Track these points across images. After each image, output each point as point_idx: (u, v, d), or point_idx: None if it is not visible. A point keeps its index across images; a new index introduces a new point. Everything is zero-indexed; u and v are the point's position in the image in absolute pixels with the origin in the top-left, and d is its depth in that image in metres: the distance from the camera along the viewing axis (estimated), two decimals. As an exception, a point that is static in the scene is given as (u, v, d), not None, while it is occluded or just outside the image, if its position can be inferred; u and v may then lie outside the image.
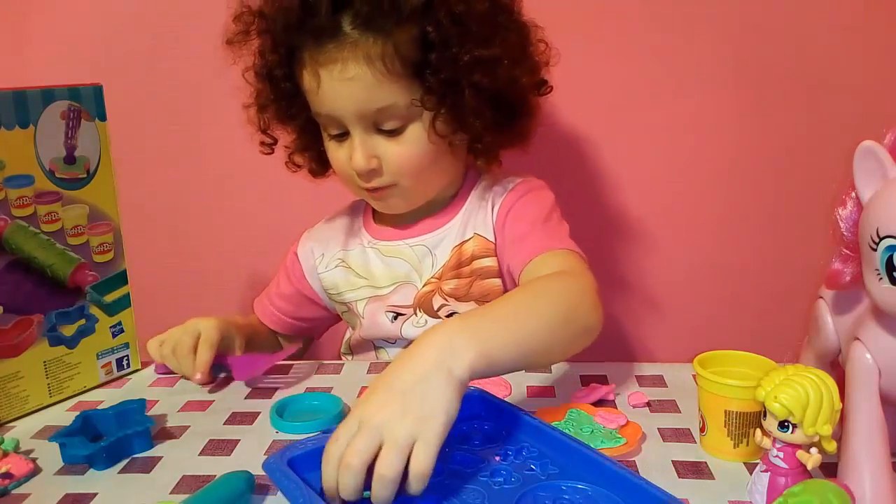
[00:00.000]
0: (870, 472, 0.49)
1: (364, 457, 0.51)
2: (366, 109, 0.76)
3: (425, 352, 0.56)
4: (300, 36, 0.76)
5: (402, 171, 0.80)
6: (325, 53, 0.75)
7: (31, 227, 0.71)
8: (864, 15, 1.05)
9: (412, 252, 0.87)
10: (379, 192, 0.82)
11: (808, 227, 1.07)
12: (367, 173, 0.79)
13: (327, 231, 0.95)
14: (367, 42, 0.74)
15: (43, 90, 0.70)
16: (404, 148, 0.79)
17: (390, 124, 0.78)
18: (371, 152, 0.79)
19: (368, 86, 0.75)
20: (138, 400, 0.67)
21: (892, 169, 0.48)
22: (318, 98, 0.77)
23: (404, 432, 0.51)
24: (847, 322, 0.56)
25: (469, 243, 0.85)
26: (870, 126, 0.52)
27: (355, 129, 0.78)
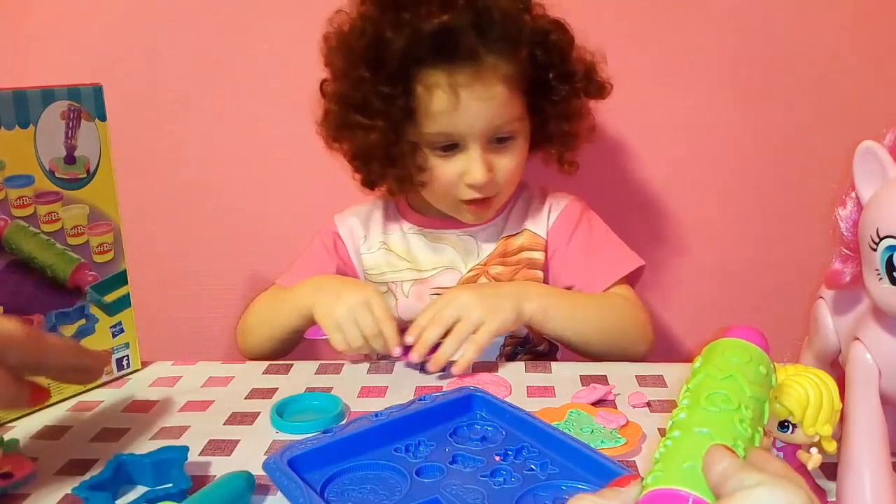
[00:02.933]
0: (870, 472, 0.49)
1: (448, 321, 0.77)
2: (497, 123, 0.83)
3: (507, 285, 0.87)
4: (434, 56, 0.80)
5: (509, 182, 0.88)
6: (464, 74, 0.80)
7: (31, 228, 0.71)
8: (863, 15, 1.05)
9: (459, 241, 0.94)
10: (485, 203, 0.88)
11: (808, 227, 1.07)
12: (485, 185, 0.85)
13: (363, 215, 0.99)
14: (500, 63, 0.81)
15: (43, 90, 0.70)
16: (513, 160, 0.86)
17: (507, 134, 0.85)
18: (490, 166, 0.85)
19: (503, 103, 0.82)
20: (180, 448, 0.59)
21: (892, 169, 0.48)
22: (450, 117, 0.81)
23: (476, 315, 0.77)
24: (847, 322, 0.56)
25: (518, 237, 0.93)
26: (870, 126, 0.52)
27: (475, 144, 0.83)
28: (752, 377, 0.42)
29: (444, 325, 0.77)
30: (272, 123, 1.13)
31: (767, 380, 0.43)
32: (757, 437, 0.40)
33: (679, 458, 0.37)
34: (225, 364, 0.82)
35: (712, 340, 0.45)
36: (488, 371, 0.78)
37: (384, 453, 0.58)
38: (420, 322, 0.78)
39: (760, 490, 0.32)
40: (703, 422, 0.39)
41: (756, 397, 0.41)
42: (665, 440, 0.39)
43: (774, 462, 0.37)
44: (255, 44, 1.10)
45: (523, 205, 0.96)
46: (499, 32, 0.80)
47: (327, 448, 0.57)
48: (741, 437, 0.38)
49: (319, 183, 1.14)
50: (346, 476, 0.56)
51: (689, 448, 0.38)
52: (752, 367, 0.42)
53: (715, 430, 0.38)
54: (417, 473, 0.55)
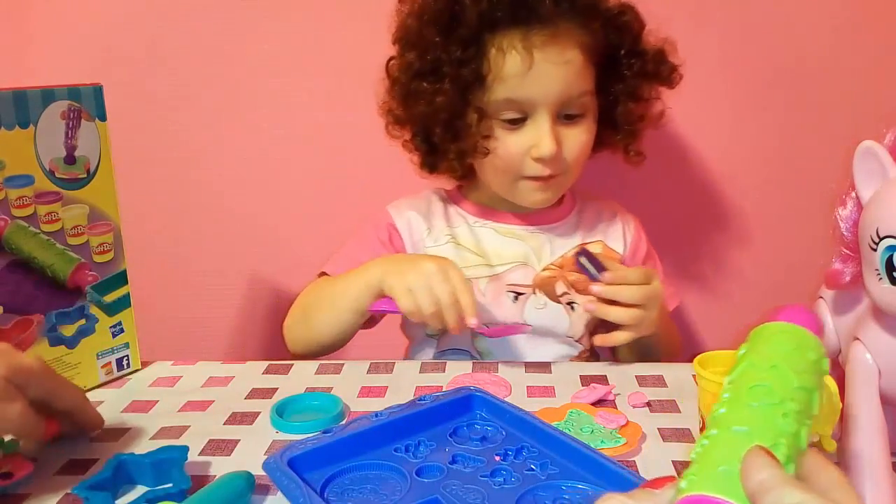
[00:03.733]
0: (870, 472, 0.49)
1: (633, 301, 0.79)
2: (569, 93, 0.81)
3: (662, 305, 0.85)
4: (509, 20, 0.79)
5: (576, 161, 0.85)
6: (541, 37, 0.79)
7: (31, 228, 0.71)
8: (863, 15, 1.05)
9: (532, 237, 0.91)
10: (548, 181, 0.85)
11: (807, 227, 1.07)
12: (552, 161, 0.82)
13: (422, 207, 0.94)
14: (577, 29, 0.80)
15: (43, 90, 0.70)
16: (581, 137, 0.84)
17: (576, 110, 0.82)
18: (558, 139, 0.82)
19: (578, 70, 0.81)
20: (180, 448, 0.59)
21: (892, 169, 0.49)
22: (523, 80, 0.80)
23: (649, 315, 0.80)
24: (847, 322, 0.57)
25: (593, 246, 0.90)
26: (870, 126, 0.52)
27: (544, 115, 0.81)
28: (800, 365, 0.38)
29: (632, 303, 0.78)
30: (272, 123, 1.13)
31: (818, 366, 0.39)
32: (804, 430, 0.37)
33: (715, 461, 0.35)
34: (225, 364, 0.82)
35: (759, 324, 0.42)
36: (488, 371, 0.78)
37: (384, 453, 0.58)
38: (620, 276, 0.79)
39: None
40: (742, 419, 0.36)
41: (804, 387, 0.38)
42: (702, 438, 0.37)
43: (829, 471, 0.35)
44: (255, 44, 1.10)
45: (594, 212, 0.95)
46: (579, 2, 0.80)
47: (327, 448, 0.57)
48: (784, 433, 0.36)
49: (320, 183, 1.14)
50: (346, 476, 0.56)
51: (727, 449, 0.35)
52: (800, 353, 0.39)
53: (755, 427, 0.36)
54: (417, 473, 0.55)
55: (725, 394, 0.39)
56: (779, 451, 0.35)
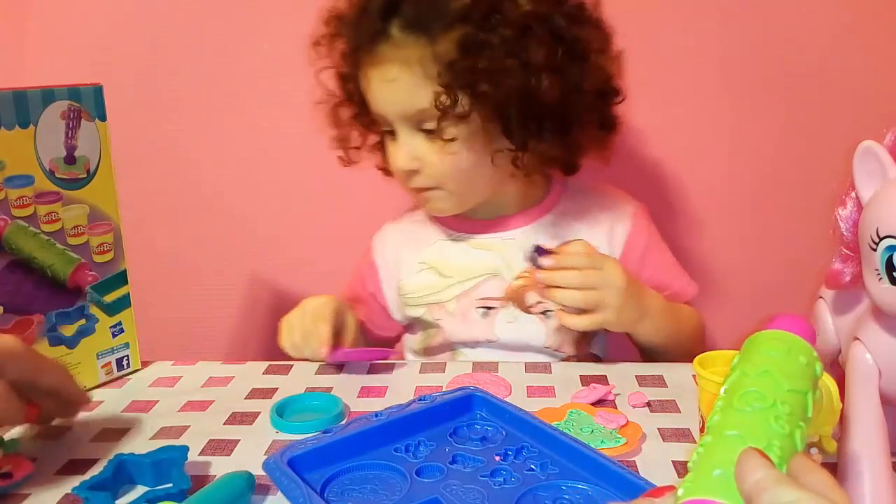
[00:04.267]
0: (870, 472, 0.49)
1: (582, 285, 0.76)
2: (403, 110, 0.79)
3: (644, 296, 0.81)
4: (359, 38, 0.80)
5: (444, 175, 0.82)
6: (375, 55, 0.79)
7: (31, 228, 0.71)
8: (864, 15, 1.05)
9: (501, 244, 0.88)
10: (421, 194, 0.85)
11: (808, 227, 1.07)
12: (407, 174, 0.82)
13: (399, 234, 0.95)
14: (410, 45, 0.77)
15: (43, 90, 0.70)
16: (443, 158, 0.80)
17: (430, 125, 0.79)
18: (413, 153, 0.81)
19: (405, 87, 0.78)
20: (180, 448, 0.59)
21: (892, 169, 0.48)
22: (370, 98, 0.82)
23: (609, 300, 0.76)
24: (847, 322, 0.56)
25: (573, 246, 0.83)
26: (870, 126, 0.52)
27: (401, 128, 0.81)
28: (791, 370, 0.39)
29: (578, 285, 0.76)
30: (272, 123, 1.13)
31: (809, 370, 0.40)
32: (798, 432, 0.38)
33: (710, 466, 0.36)
34: (225, 364, 0.82)
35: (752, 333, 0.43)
36: (488, 371, 0.78)
37: (384, 453, 0.58)
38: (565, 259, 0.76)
39: None
40: (734, 424, 0.37)
41: (795, 390, 0.39)
42: (698, 446, 0.38)
43: (816, 473, 0.35)
44: (255, 44, 1.10)
45: (572, 206, 0.90)
46: (411, 12, 0.77)
47: (327, 448, 0.57)
48: (777, 435, 0.37)
49: (320, 183, 1.14)
50: (346, 476, 0.56)
51: (721, 454, 0.36)
52: (791, 358, 0.40)
53: (747, 431, 0.37)
54: (417, 473, 0.55)
55: (719, 402, 0.40)
56: (772, 453, 0.35)
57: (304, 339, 0.80)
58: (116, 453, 0.59)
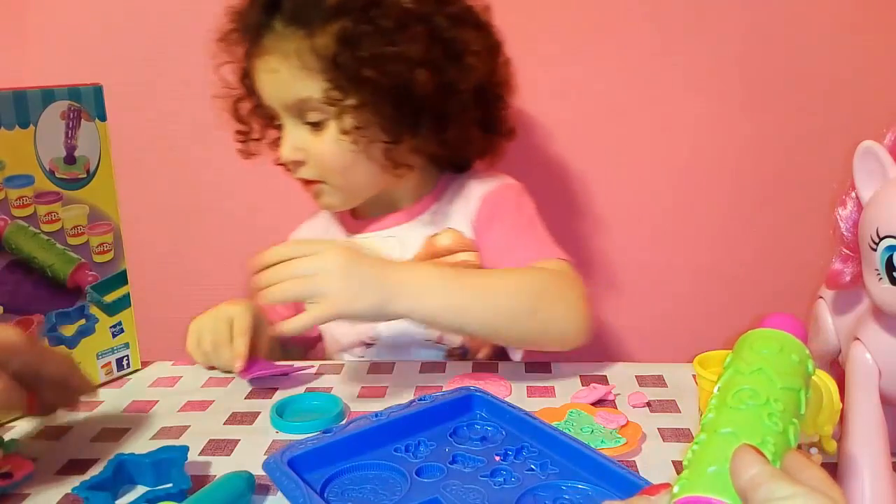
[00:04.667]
0: (870, 472, 0.49)
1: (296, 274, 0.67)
2: (285, 101, 0.81)
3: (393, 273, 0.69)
4: (246, 31, 0.82)
5: (326, 167, 0.83)
6: (260, 47, 0.80)
7: (31, 228, 0.71)
8: (864, 15, 1.05)
9: (384, 244, 0.87)
10: (308, 186, 0.86)
11: (808, 227, 1.07)
12: (293, 164, 0.83)
13: (310, 233, 0.96)
14: (289, 37, 0.78)
15: (43, 90, 0.70)
16: (325, 147, 0.81)
17: (312, 117, 0.81)
18: (297, 144, 0.82)
19: (284, 78, 0.79)
20: (180, 448, 0.59)
21: (892, 169, 0.48)
22: (258, 90, 0.83)
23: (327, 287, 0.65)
24: (847, 322, 0.56)
25: (442, 237, 0.86)
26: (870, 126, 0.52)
27: (286, 119, 0.82)
28: (783, 367, 0.40)
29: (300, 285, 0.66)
30: (272, 123, 1.13)
31: (801, 368, 0.41)
32: (791, 429, 0.38)
33: (705, 463, 0.36)
34: (225, 364, 0.82)
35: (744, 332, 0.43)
36: (488, 371, 0.78)
37: (384, 453, 0.58)
38: (271, 257, 0.68)
39: None
40: (728, 421, 0.38)
41: (788, 388, 0.39)
42: (692, 445, 0.38)
43: (811, 469, 0.35)
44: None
45: (448, 198, 0.89)
46: (290, 4, 0.78)
47: (327, 448, 0.57)
48: (770, 432, 0.37)
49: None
50: (346, 476, 0.56)
51: (716, 451, 0.36)
52: (783, 356, 0.40)
53: (740, 428, 0.37)
54: (417, 473, 0.55)
55: (713, 400, 0.40)
56: (766, 450, 0.36)
57: (215, 349, 0.79)
58: (116, 453, 0.59)
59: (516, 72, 0.90)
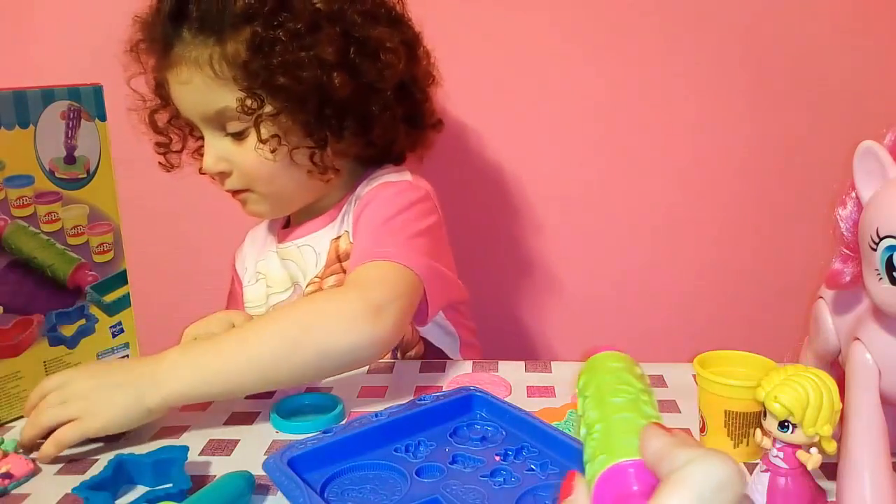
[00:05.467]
0: (870, 472, 0.49)
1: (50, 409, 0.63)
2: (203, 112, 0.79)
3: (146, 366, 0.65)
4: (154, 41, 0.81)
5: (251, 177, 0.82)
6: (169, 58, 0.79)
7: (31, 228, 0.71)
8: (864, 15, 1.05)
9: (299, 252, 0.88)
10: (235, 196, 0.85)
11: (808, 227, 1.07)
12: (218, 176, 0.83)
13: (249, 243, 0.97)
14: (199, 46, 0.77)
15: (43, 90, 0.70)
16: (247, 156, 0.80)
17: (232, 127, 0.79)
18: (220, 155, 0.81)
19: (198, 89, 0.78)
20: (180, 448, 0.59)
21: (892, 169, 0.48)
22: (174, 101, 0.82)
23: (75, 409, 0.62)
24: (847, 322, 0.56)
25: (342, 240, 0.86)
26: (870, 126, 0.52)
27: (205, 131, 0.81)
28: (634, 373, 0.46)
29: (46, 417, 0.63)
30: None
31: (644, 378, 0.47)
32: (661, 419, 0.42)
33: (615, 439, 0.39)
34: (225, 364, 0.82)
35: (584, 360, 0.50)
36: (488, 371, 0.78)
37: (384, 453, 0.58)
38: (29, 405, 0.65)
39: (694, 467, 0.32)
40: (618, 410, 0.42)
41: (645, 389, 0.45)
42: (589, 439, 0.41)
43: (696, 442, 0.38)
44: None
45: (354, 199, 0.87)
46: (196, 13, 0.77)
47: (327, 448, 0.57)
48: (652, 417, 0.41)
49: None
50: (346, 476, 0.56)
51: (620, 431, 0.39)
52: (628, 366, 0.47)
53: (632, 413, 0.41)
54: (417, 473, 0.55)
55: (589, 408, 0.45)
56: None
57: None
58: (116, 453, 0.59)
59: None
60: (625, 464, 0.36)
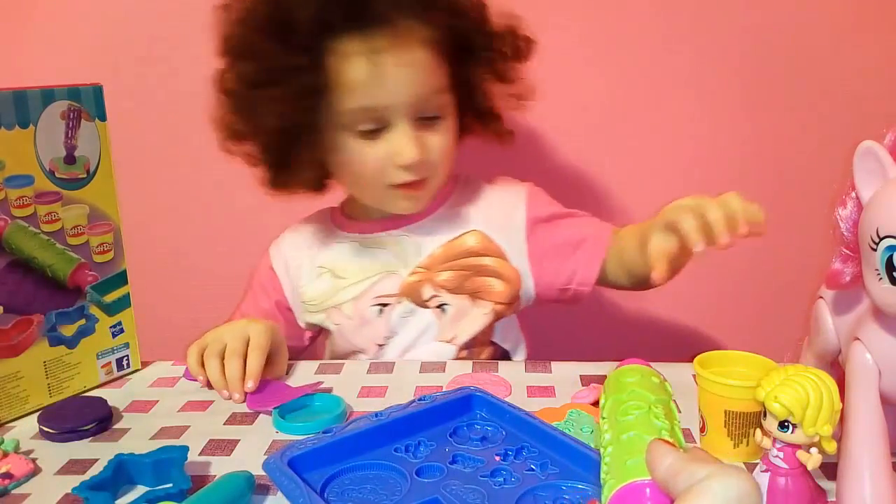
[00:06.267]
0: (870, 472, 0.49)
1: None
2: (423, 94, 0.77)
3: None
4: (345, 23, 0.74)
5: (442, 161, 0.82)
6: (382, 39, 0.74)
7: (31, 228, 0.71)
8: (864, 15, 1.05)
9: (395, 241, 0.87)
10: (417, 186, 0.82)
11: (808, 227, 1.07)
12: (417, 165, 0.79)
13: (298, 240, 0.94)
14: (417, 26, 0.76)
15: (43, 90, 0.70)
16: (444, 138, 0.81)
17: (433, 112, 0.79)
18: (420, 142, 0.79)
19: (427, 70, 0.77)
20: (180, 448, 0.59)
21: (892, 169, 0.48)
22: (371, 88, 0.76)
23: None
24: (847, 322, 0.56)
25: (467, 238, 0.86)
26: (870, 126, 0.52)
27: (402, 119, 0.78)
28: (650, 386, 0.49)
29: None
30: (272, 123, 1.13)
31: (663, 386, 0.50)
32: (676, 426, 0.45)
33: (621, 462, 0.40)
34: (225, 364, 0.82)
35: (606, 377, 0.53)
36: (488, 371, 0.78)
37: (384, 453, 0.58)
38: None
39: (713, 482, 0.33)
40: (626, 429, 0.43)
41: (660, 399, 0.47)
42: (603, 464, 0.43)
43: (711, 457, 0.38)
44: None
45: (465, 199, 0.89)
46: None
47: (327, 448, 0.57)
48: (663, 428, 0.43)
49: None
50: (346, 476, 0.56)
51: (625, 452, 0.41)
52: (646, 379, 0.49)
53: (639, 430, 0.43)
54: (417, 473, 0.55)
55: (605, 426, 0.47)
56: None
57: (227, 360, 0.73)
58: (116, 453, 0.59)
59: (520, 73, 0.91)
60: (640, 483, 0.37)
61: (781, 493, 0.50)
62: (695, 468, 0.34)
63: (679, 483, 0.34)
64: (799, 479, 0.51)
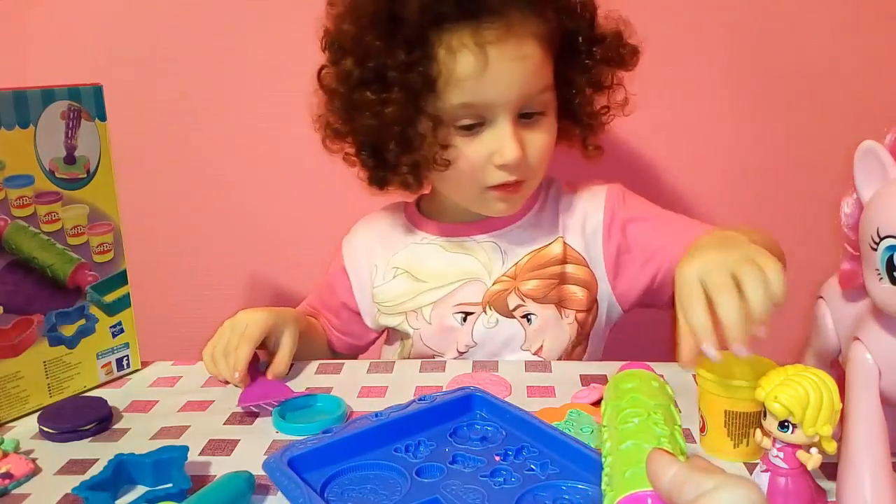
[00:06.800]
0: (870, 472, 0.49)
1: None
2: (529, 91, 0.75)
3: None
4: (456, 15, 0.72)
5: (540, 162, 0.79)
6: (494, 31, 0.72)
7: (31, 227, 0.71)
8: (863, 15, 1.05)
9: (481, 248, 0.84)
10: (516, 188, 0.79)
11: (808, 227, 1.07)
12: (517, 166, 0.76)
13: (372, 237, 0.90)
14: (531, 19, 0.74)
15: (43, 90, 0.70)
16: (544, 137, 0.78)
17: (537, 108, 0.77)
18: (520, 142, 0.76)
19: (536, 65, 0.74)
20: (180, 448, 0.59)
21: (892, 169, 0.48)
22: (478, 82, 0.73)
23: None
24: (847, 322, 0.56)
25: (554, 247, 0.83)
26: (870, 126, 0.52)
27: (505, 116, 0.75)
28: (649, 391, 0.48)
29: None
30: (272, 123, 1.13)
31: (662, 389, 0.50)
32: (677, 432, 0.45)
33: (620, 473, 0.40)
34: (225, 364, 0.82)
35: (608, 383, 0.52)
36: (488, 371, 0.78)
37: (384, 453, 0.58)
38: None
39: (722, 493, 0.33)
40: (624, 438, 0.43)
41: (659, 404, 0.47)
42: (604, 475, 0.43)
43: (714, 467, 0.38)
44: (254, 43, 1.10)
45: (553, 205, 0.86)
46: None
47: (327, 448, 0.57)
48: (663, 435, 0.43)
49: (321, 182, 1.14)
50: (346, 476, 0.56)
51: (624, 462, 0.41)
52: (645, 384, 0.49)
53: (638, 438, 0.43)
54: (417, 473, 0.55)
55: (604, 434, 0.47)
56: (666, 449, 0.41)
57: (224, 355, 0.76)
58: (116, 453, 0.59)
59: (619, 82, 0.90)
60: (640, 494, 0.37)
61: (781, 493, 0.50)
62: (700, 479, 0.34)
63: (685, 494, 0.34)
64: (799, 479, 0.51)
